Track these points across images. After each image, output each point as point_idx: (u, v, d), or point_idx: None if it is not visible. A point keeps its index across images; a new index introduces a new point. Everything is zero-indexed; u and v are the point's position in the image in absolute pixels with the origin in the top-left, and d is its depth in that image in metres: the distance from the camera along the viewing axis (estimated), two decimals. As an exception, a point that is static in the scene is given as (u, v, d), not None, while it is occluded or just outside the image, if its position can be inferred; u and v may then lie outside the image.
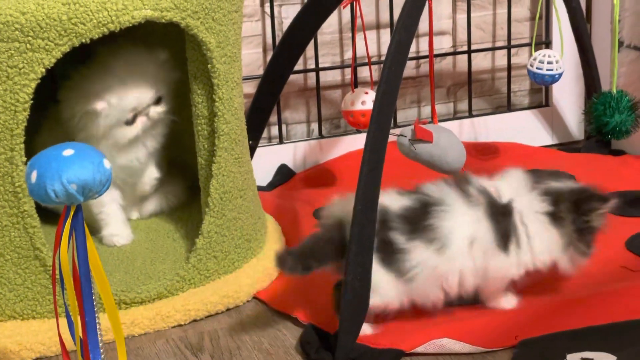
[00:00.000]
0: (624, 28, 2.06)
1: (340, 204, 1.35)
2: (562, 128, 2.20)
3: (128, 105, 1.51)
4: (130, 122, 1.53)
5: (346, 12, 2.02)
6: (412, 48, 2.09)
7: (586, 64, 2.02)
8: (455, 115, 2.18)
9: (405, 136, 1.49)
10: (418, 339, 1.30)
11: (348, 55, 2.05)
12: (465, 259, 1.31)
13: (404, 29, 1.36)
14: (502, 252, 1.32)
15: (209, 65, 1.43)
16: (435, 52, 2.10)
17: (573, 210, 1.33)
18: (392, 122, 2.09)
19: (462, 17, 2.12)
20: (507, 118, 2.18)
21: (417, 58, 2.10)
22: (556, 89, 2.17)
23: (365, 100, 1.77)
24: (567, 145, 2.17)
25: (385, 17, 2.06)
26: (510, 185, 1.36)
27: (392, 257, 1.30)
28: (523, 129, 2.17)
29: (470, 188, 1.34)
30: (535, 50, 1.86)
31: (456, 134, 2.05)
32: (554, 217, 1.33)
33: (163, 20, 1.35)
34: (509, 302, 1.38)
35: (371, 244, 1.29)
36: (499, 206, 1.33)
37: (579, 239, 1.34)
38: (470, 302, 1.37)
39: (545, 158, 2.02)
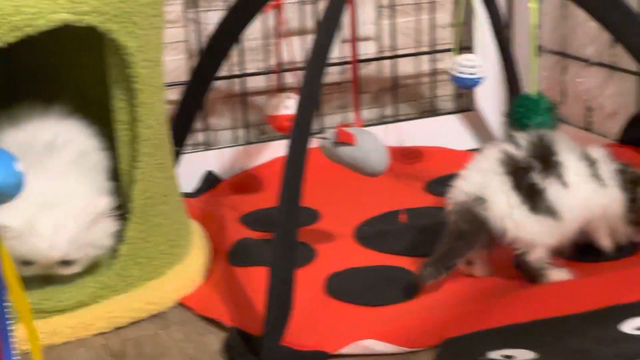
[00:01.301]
0: (544, 33, 2.10)
1: (462, 186, 1.46)
2: (486, 132, 2.23)
3: None
4: None
5: (270, 18, 2.02)
6: (338, 53, 2.11)
7: (507, 68, 2.06)
8: (381, 120, 2.20)
9: (328, 139, 1.50)
10: (342, 341, 1.30)
11: (272, 61, 2.06)
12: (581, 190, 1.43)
13: (324, 33, 1.37)
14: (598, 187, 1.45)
15: (130, 70, 1.42)
16: (360, 58, 2.12)
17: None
18: (319, 127, 2.10)
19: (386, 22, 2.14)
20: (432, 122, 2.20)
21: (343, 63, 2.11)
22: (479, 94, 2.21)
23: (289, 105, 1.77)
24: (491, 149, 2.20)
25: (310, 22, 2.07)
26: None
27: (538, 198, 1.40)
28: (448, 133, 2.20)
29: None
30: (458, 55, 1.88)
31: (382, 139, 2.07)
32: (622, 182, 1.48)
33: (81, 24, 1.33)
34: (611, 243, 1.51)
35: (295, 246, 1.30)
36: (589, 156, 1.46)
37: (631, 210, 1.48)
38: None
39: (469, 161, 2.05)
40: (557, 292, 1.41)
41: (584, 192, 1.44)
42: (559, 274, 1.44)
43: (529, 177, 1.42)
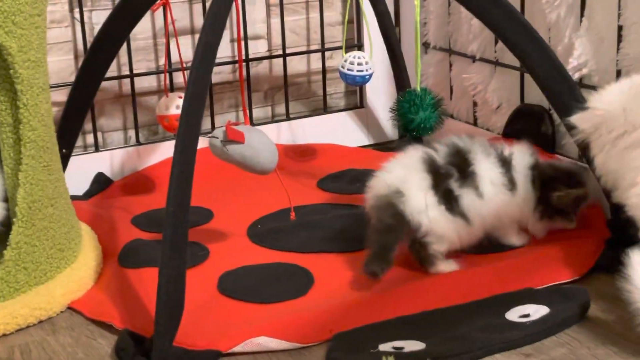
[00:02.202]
0: (430, 30, 2.14)
1: (379, 181, 1.50)
2: (377, 128, 2.26)
3: None
4: None
5: (159, 17, 2.00)
6: (228, 52, 2.10)
7: (396, 65, 2.09)
8: (273, 119, 2.21)
9: (217, 137, 1.50)
10: (235, 339, 1.30)
11: (162, 60, 2.04)
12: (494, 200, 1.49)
13: (210, 31, 1.36)
14: (511, 195, 1.51)
15: (11, 71, 1.38)
16: (250, 56, 2.12)
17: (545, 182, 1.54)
18: (210, 126, 2.09)
19: (276, 21, 2.15)
20: (324, 120, 2.22)
21: (233, 62, 2.11)
22: (370, 91, 2.23)
23: (180, 105, 1.76)
24: (382, 145, 2.23)
25: (199, 22, 2.06)
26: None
27: (453, 203, 1.46)
28: (340, 130, 2.22)
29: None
30: (347, 52, 1.90)
31: (274, 137, 2.08)
32: (533, 180, 1.53)
33: (-42, 24, 1.30)
34: (521, 238, 1.56)
35: (185, 246, 1.29)
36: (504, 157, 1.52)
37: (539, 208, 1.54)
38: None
39: (362, 158, 2.08)
40: (445, 283, 1.44)
41: (498, 203, 1.50)
42: (447, 266, 1.48)
43: (447, 183, 1.48)
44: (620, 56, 1.64)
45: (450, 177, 1.48)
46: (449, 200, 1.47)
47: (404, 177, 1.48)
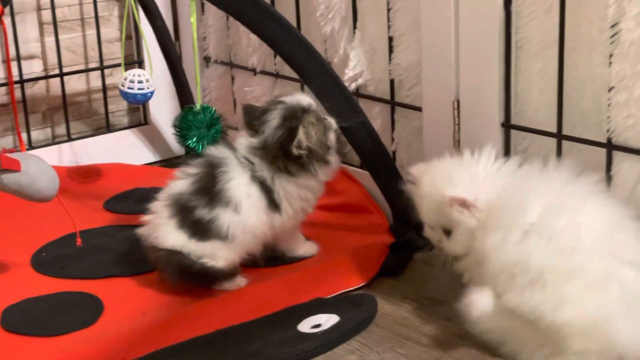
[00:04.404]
0: (210, 44, 2.14)
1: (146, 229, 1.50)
2: (163, 145, 2.23)
3: None
4: None
5: None
6: (1, 74, 2.01)
7: (177, 81, 2.07)
8: (54, 140, 2.13)
9: (-10, 167, 1.43)
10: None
11: None
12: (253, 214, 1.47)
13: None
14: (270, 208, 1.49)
15: None
16: (25, 77, 2.04)
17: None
18: (-15, 152, 1.99)
19: (50, 39, 2.08)
20: (108, 139, 2.17)
21: (4, 85, 2.02)
22: (153, 107, 2.20)
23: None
24: (169, 161, 2.21)
25: (-34, 43, 1.97)
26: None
27: (205, 229, 1.44)
28: (124, 148, 2.17)
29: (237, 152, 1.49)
30: (127, 70, 1.86)
31: (55, 159, 2.01)
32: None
33: None
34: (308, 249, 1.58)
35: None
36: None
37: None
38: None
39: (148, 175, 2.05)
40: (239, 299, 1.44)
41: (256, 218, 1.48)
42: (233, 283, 1.48)
43: (192, 215, 1.45)
44: (393, 66, 1.71)
45: (195, 208, 1.46)
46: (199, 229, 1.46)
47: (155, 226, 1.49)
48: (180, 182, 1.49)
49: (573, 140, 1.44)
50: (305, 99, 1.50)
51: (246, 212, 1.46)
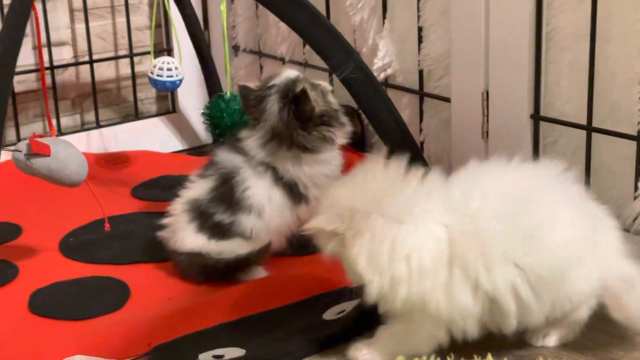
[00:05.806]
0: (239, 33, 2.14)
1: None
2: (191, 133, 2.24)
3: None
4: None
5: (-46, 25, 1.91)
6: (32, 60, 2.03)
7: (206, 69, 2.08)
8: (83, 127, 2.15)
9: (21, 151, 1.44)
10: (50, 359, 1.26)
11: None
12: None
13: (8, 42, 1.31)
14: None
15: None
16: (55, 64, 2.05)
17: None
18: (15, 138, 2.01)
19: (80, 26, 2.09)
20: (136, 126, 2.18)
21: (35, 71, 2.03)
22: (181, 95, 2.21)
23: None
24: (196, 150, 2.22)
25: (-2, 29, 1.98)
26: None
27: (226, 230, 1.46)
28: (152, 136, 2.18)
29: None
30: (156, 58, 1.87)
31: (84, 146, 2.03)
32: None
33: None
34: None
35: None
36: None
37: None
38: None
39: (175, 164, 2.05)
40: (262, 288, 1.44)
41: (280, 219, 1.49)
42: (256, 273, 1.48)
43: (212, 220, 1.48)
44: (422, 56, 1.70)
45: (214, 214, 1.48)
46: (220, 230, 1.48)
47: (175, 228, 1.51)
48: (197, 187, 1.50)
49: (603, 133, 1.43)
50: (292, 72, 1.50)
51: (269, 215, 1.48)
